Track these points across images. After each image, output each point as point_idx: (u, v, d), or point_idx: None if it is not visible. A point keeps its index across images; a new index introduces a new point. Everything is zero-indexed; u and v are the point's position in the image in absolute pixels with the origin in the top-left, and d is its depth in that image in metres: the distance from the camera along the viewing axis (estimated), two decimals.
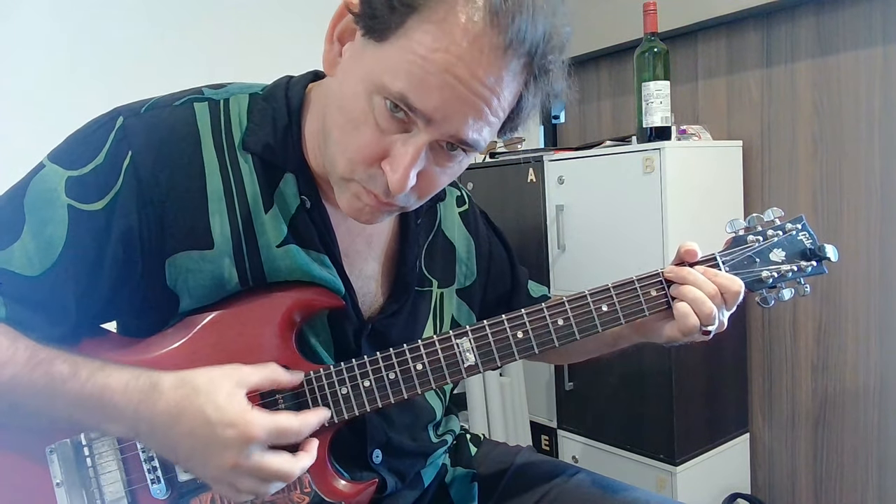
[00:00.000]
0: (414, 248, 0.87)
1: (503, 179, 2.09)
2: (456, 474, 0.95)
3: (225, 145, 0.74)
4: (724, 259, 0.82)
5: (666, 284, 0.81)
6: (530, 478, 0.92)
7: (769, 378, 1.89)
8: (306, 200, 0.76)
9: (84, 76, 1.59)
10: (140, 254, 0.71)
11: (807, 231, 0.84)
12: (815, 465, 1.83)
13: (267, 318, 0.75)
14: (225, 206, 0.74)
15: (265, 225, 0.75)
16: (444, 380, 0.76)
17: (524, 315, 0.77)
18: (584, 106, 2.37)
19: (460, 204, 0.97)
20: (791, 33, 1.76)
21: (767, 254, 0.82)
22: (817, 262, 0.83)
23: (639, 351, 1.72)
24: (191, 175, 0.72)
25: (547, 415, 2.04)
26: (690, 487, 1.71)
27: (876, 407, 1.69)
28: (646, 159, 1.64)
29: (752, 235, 0.83)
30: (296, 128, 0.76)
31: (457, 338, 0.77)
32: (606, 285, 0.79)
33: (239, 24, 1.76)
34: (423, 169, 0.69)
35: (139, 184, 0.70)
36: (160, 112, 0.73)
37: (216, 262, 0.73)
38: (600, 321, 0.78)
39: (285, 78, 0.80)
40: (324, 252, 0.78)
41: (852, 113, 1.67)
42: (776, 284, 0.83)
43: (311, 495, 0.74)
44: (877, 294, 1.67)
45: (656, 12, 1.68)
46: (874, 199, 1.65)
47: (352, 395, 0.75)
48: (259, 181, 0.75)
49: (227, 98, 0.77)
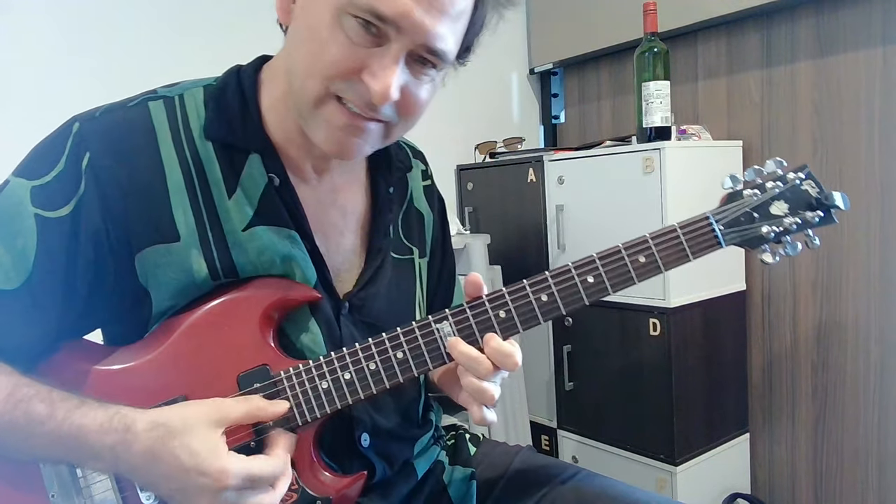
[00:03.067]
0: (386, 213, 0.87)
1: (503, 179, 2.09)
2: (454, 473, 0.94)
3: (184, 138, 0.76)
4: (716, 218, 0.75)
5: (653, 244, 0.75)
6: (530, 478, 0.91)
7: (769, 378, 1.89)
8: (274, 178, 0.77)
9: (84, 76, 1.59)
10: (109, 253, 0.72)
11: (812, 180, 0.76)
12: (815, 465, 1.83)
13: (245, 318, 0.75)
14: (187, 197, 0.75)
15: (229, 211, 0.76)
16: (425, 366, 0.75)
17: (505, 294, 0.75)
18: (584, 106, 2.37)
19: (425, 178, 0.98)
20: (791, 33, 1.76)
21: (767, 207, 0.76)
22: (824, 213, 0.75)
23: (639, 351, 1.73)
24: (150, 170, 0.73)
25: (547, 415, 2.04)
26: (690, 487, 1.71)
27: (876, 407, 1.69)
28: (646, 159, 1.64)
29: (748, 190, 0.77)
30: (254, 109, 0.77)
31: (437, 322, 0.75)
32: (591, 256, 0.75)
33: (240, 22, 1.76)
34: (403, 84, 0.70)
35: (100, 184, 0.71)
36: (115, 114, 0.75)
37: (183, 254, 0.74)
38: (586, 293, 0.75)
39: (235, 67, 0.81)
40: (293, 228, 0.78)
41: (852, 113, 1.67)
42: (780, 239, 0.76)
43: (298, 492, 0.74)
44: (877, 294, 1.67)
45: (656, 12, 1.68)
46: (874, 198, 1.65)
47: (333, 389, 0.75)
48: (222, 167, 0.76)
49: (181, 94, 0.78)
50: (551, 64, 2.36)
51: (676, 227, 0.75)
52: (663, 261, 0.75)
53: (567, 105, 2.44)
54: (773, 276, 1.85)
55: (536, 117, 2.49)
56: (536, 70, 2.42)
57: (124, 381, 0.74)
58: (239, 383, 0.75)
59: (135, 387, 0.74)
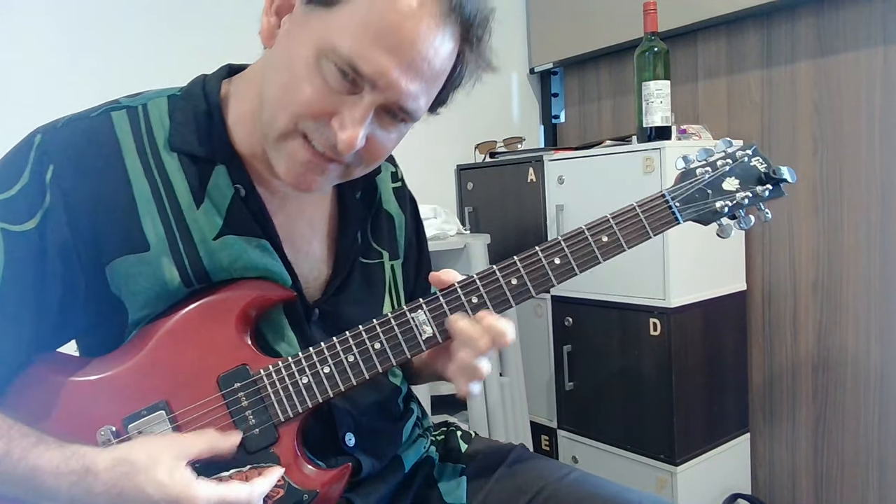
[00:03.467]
0: (353, 220, 0.88)
1: (503, 179, 2.09)
2: (444, 470, 0.94)
3: (148, 149, 0.76)
4: (672, 195, 0.79)
5: (615, 223, 0.78)
6: (522, 476, 0.91)
7: (769, 378, 1.89)
8: (240, 188, 0.77)
9: (84, 76, 1.59)
10: (79, 264, 0.72)
11: (759, 156, 0.82)
12: (815, 465, 1.83)
13: (221, 320, 0.76)
14: (155, 207, 0.75)
15: (198, 220, 0.76)
16: (403, 355, 0.76)
17: (476, 280, 0.77)
18: (584, 106, 2.37)
19: (394, 180, 0.98)
20: (791, 33, 1.76)
21: (720, 184, 0.80)
22: (773, 186, 0.81)
23: (639, 351, 1.73)
24: (115, 181, 0.73)
25: (547, 415, 2.04)
26: (690, 487, 1.71)
27: (876, 407, 1.69)
28: (646, 159, 1.64)
29: (700, 168, 0.81)
30: (219, 120, 0.77)
31: (411, 312, 0.76)
32: (557, 238, 0.78)
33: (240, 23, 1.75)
34: (370, 133, 0.71)
35: (65, 196, 0.71)
36: (77, 124, 0.75)
37: (154, 262, 0.74)
38: (554, 274, 0.77)
39: (200, 76, 0.81)
40: (263, 237, 0.78)
41: (852, 113, 1.66)
42: (733, 213, 0.81)
43: (284, 487, 0.74)
44: (877, 294, 1.66)
45: (656, 12, 1.68)
46: (874, 198, 1.65)
47: (313, 384, 0.76)
48: (188, 178, 0.76)
49: (144, 104, 0.78)
50: (551, 64, 2.36)
51: (635, 206, 0.79)
52: (625, 239, 0.79)
53: (567, 105, 2.44)
54: (774, 276, 1.85)
55: (536, 117, 2.49)
56: (536, 70, 2.42)
57: (103, 390, 0.74)
58: (219, 384, 0.75)
59: (114, 395, 0.74)
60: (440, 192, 2.24)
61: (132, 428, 0.73)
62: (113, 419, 0.73)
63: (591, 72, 2.32)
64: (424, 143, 2.20)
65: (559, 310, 1.94)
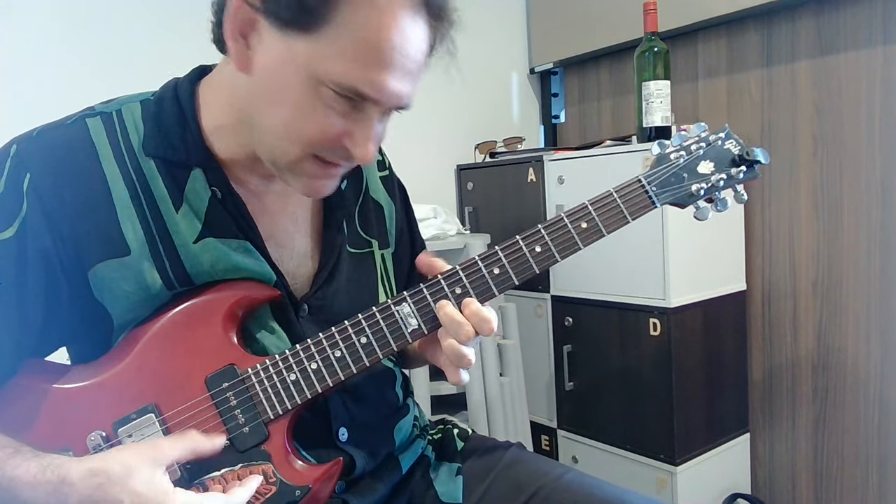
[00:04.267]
0: (338, 209, 0.88)
1: (503, 179, 2.09)
2: (441, 468, 0.94)
3: (125, 153, 0.76)
4: (648, 180, 0.80)
5: (593, 210, 0.79)
6: (519, 475, 0.90)
7: (769, 378, 1.89)
8: (217, 191, 0.78)
9: (84, 76, 1.59)
10: (61, 272, 0.72)
11: (732, 139, 0.83)
12: (815, 465, 1.83)
13: (207, 321, 0.76)
14: (134, 211, 0.75)
15: (178, 224, 0.76)
16: (389, 347, 0.77)
17: (460, 272, 0.78)
18: (584, 106, 2.37)
19: (381, 168, 0.98)
20: (791, 33, 1.76)
21: (695, 167, 0.81)
22: (748, 167, 0.82)
23: (639, 351, 1.73)
24: (94, 187, 0.74)
25: (547, 415, 2.04)
26: (690, 487, 1.71)
27: (876, 407, 1.69)
28: (646, 159, 1.64)
29: (675, 153, 0.82)
30: (193, 124, 0.77)
31: (396, 305, 0.77)
32: (537, 227, 0.78)
33: None
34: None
35: (43, 203, 0.71)
36: (53, 132, 0.75)
37: (135, 267, 0.74)
38: (535, 262, 0.78)
39: (172, 80, 0.81)
40: (244, 238, 0.79)
41: (852, 113, 1.66)
42: (710, 195, 0.83)
43: (276, 484, 0.74)
44: (877, 294, 1.66)
45: (656, 12, 1.68)
46: (874, 198, 1.65)
47: (301, 380, 0.76)
48: (166, 182, 0.76)
49: (118, 109, 0.78)
50: (551, 64, 2.36)
51: (612, 192, 0.80)
52: (604, 224, 0.80)
53: (567, 105, 2.44)
54: (774, 276, 1.85)
55: (536, 117, 2.49)
56: (536, 70, 2.42)
57: (91, 395, 0.74)
58: (207, 385, 0.75)
59: (102, 400, 0.74)
60: (440, 192, 2.24)
61: (122, 432, 0.73)
62: (102, 424, 0.73)
63: (591, 72, 2.32)
64: (424, 143, 2.21)
65: (559, 310, 1.94)
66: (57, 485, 0.65)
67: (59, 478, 0.65)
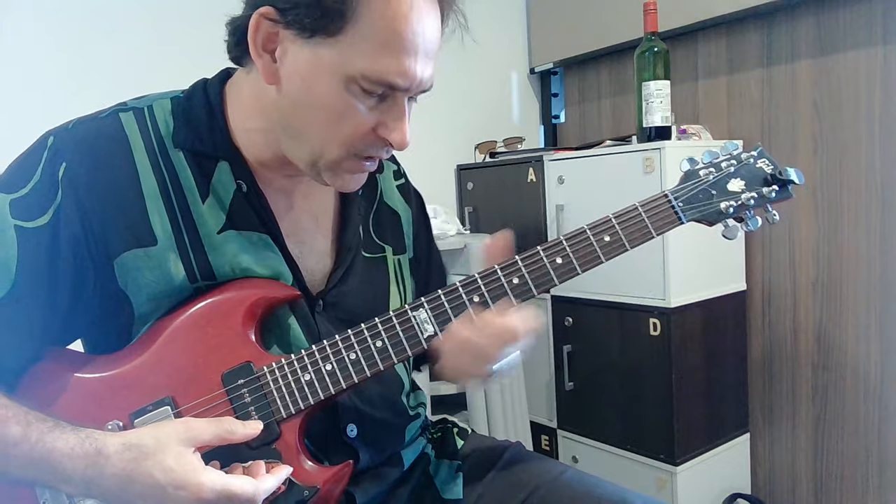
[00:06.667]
0: (354, 214, 0.90)
1: (503, 179, 2.09)
2: (440, 466, 0.95)
3: (156, 146, 0.78)
4: (675, 195, 0.80)
5: (617, 223, 0.79)
6: (518, 474, 0.92)
7: (769, 378, 1.89)
8: (242, 184, 0.80)
9: (84, 77, 1.59)
10: (89, 259, 0.74)
11: (765, 158, 0.82)
12: (815, 465, 1.83)
13: (226, 318, 0.77)
14: (162, 203, 0.77)
15: (204, 215, 0.78)
16: (405, 353, 0.78)
17: (478, 279, 0.78)
18: (584, 106, 2.37)
19: (397, 177, 1.01)
20: (791, 33, 1.76)
21: (724, 185, 0.80)
22: (780, 187, 0.80)
23: (639, 351, 1.73)
24: (125, 177, 0.76)
25: (547, 415, 2.04)
26: (690, 487, 1.71)
27: (876, 407, 1.69)
28: (646, 159, 1.64)
29: (704, 170, 0.81)
30: (220, 119, 0.80)
31: (413, 310, 0.78)
32: (559, 238, 0.78)
33: None
34: None
35: (77, 192, 0.73)
36: (88, 125, 0.77)
37: (161, 257, 0.76)
38: (556, 274, 0.78)
39: (201, 80, 0.84)
40: (265, 232, 0.80)
41: (852, 113, 1.66)
42: (739, 214, 0.81)
43: (285, 483, 0.75)
44: (877, 294, 1.66)
45: (656, 12, 1.68)
46: (874, 198, 1.65)
47: (315, 381, 0.77)
48: (194, 174, 0.79)
49: (150, 105, 0.81)
50: (551, 63, 2.36)
51: (638, 206, 0.79)
52: (627, 238, 0.79)
53: (567, 105, 2.44)
54: (774, 276, 1.85)
55: (536, 117, 2.49)
56: (536, 70, 2.42)
57: (111, 386, 0.75)
58: (223, 381, 0.76)
59: (121, 391, 0.75)
60: (440, 192, 2.24)
61: (138, 423, 0.74)
62: (120, 414, 0.74)
63: (591, 72, 2.32)
64: (424, 143, 2.20)
65: (559, 310, 1.94)
66: (94, 457, 0.67)
67: (96, 450, 0.67)
